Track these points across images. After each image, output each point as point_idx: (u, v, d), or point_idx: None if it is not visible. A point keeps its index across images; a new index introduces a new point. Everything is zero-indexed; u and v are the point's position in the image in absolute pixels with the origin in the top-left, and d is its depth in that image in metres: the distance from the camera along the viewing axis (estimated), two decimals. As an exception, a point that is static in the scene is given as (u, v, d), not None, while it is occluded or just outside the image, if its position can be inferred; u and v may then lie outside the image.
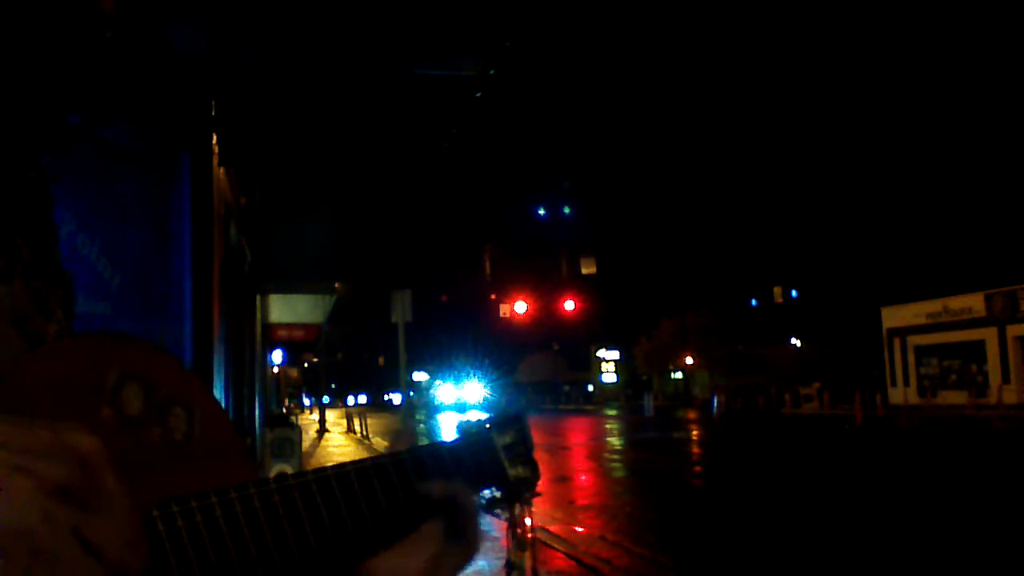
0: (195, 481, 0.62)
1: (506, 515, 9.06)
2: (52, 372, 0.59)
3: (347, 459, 0.85)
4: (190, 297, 5.09)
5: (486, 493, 0.81)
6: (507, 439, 0.82)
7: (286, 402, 47.77)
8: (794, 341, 59.56)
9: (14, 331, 0.65)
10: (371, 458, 0.71)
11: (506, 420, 0.83)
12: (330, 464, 0.73)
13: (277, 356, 27.87)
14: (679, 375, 67.02)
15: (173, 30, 4.88)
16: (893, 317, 42.58)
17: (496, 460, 0.81)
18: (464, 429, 0.81)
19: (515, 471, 0.82)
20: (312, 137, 8.15)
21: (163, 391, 0.63)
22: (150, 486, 0.59)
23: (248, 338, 13.19)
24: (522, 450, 0.82)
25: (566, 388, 79.00)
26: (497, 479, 0.81)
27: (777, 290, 61.51)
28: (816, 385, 43.49)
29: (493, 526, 8.11)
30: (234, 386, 10.49)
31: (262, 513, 0.62)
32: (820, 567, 6.42)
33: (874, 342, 44.74)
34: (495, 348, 76.32)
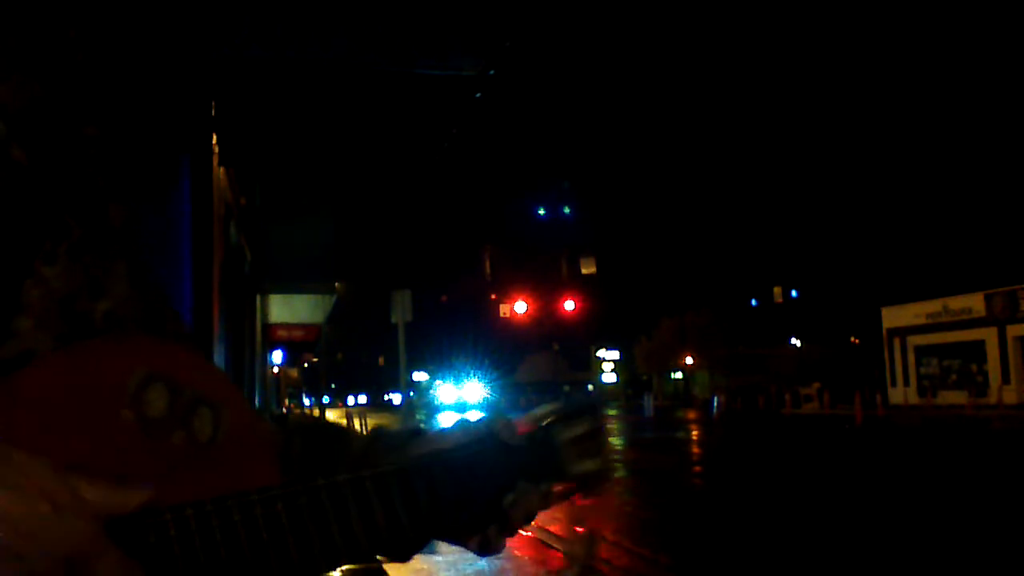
0: (219, 484, 0.61)
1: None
2: (73, 372, 0.59)
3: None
4: (190, 297, 5.10)
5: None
6: (577, 431, 0.80)
7: (286, 402, 47.76)
8: (794, 341, 59.56)
9: (59, 313, 0.64)
10: (374, 472, 0.69)
11: (578, 410, 0.81)
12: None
13: (277, 356, 27.86)
14: (679, 375, 67.01)
15: (173, 30, 4.88)
16: (893, 317, 42.56)
17: (548, 458, 0.79)
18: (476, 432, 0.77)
19: (581, 465, 0.80)
20: (312, 137, 8.16)
21: (188, 392, 0.62)
22: (172, 490, 0.59)
23: (248, 338, 13.19)
24: (591, 444, 0.80)
25: (566, 388, 78.93)
26: (551, 477, 0.79)
27: (777, 290, 61.54)
28: (816, 385, 43.50)
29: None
30: (234, 386, 10.46)
31: (277, 519, 0.62)
32: (821, 567, 6.42)
33: (874, 342, 44.75)
34: (495, 348, 76.31)
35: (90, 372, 0.59)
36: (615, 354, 75.46)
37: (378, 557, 0.74)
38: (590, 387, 77.00)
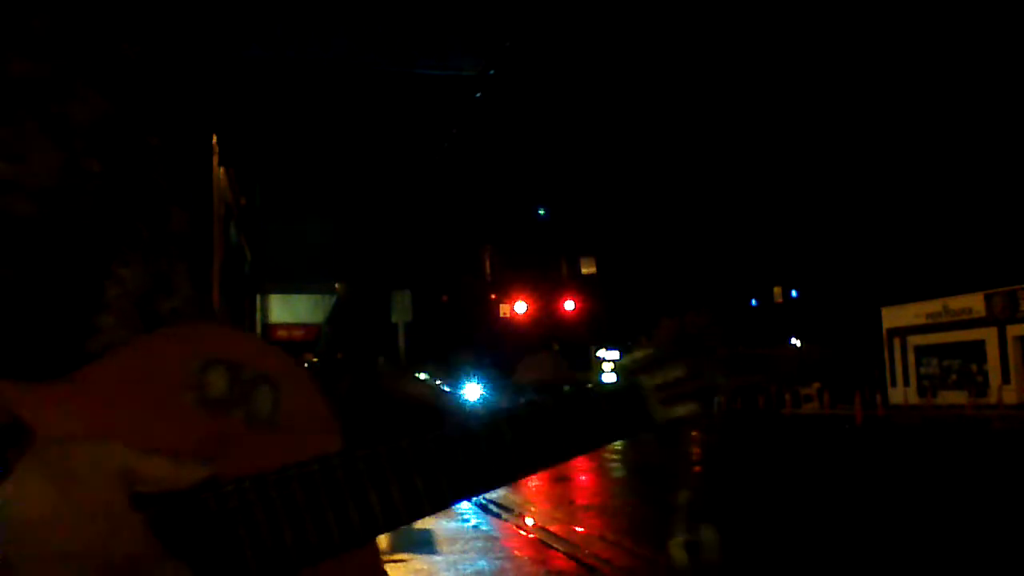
0: (281, 455, 0.65)
1: (506, 514, 9.00)
2: (139, 362, 0.65)
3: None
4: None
5: None
6: (675, 373, 0.79)
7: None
8: (794, 341, 59.49)
9: (135, 310, 0.71)
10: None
11: (676, 351, 0.81)
12: None
13: (277, 356, 27.80)
14: (679, 375, 66.95)
15: (173, 30, 4.87)
16: (893, 317, 42.56)
17: (633, 407, 0.79)
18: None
19: (671, 411, 0.80)
20: (312, 137, 8.15)
21: (249, 372, 0.66)
22: (234, 463, 0.63)
23: (248, 338, 13.17)
24: (691, 386, 0.79)
25: (566, 388, 78.69)
26: (637, 426, 0.79)
27: (777, 290, 61.47)
28: (816, 385, 43.46)
29: (493, 526, 8.09)
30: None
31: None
32: (821, 567, 6.42)
33: (874, 342, 44.73)
34: (495, 348, 76.25)
35: (154, 360, 0.65)
36: (615, 354, 75.39)
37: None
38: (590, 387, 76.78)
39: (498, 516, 8.76)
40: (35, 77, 0.69)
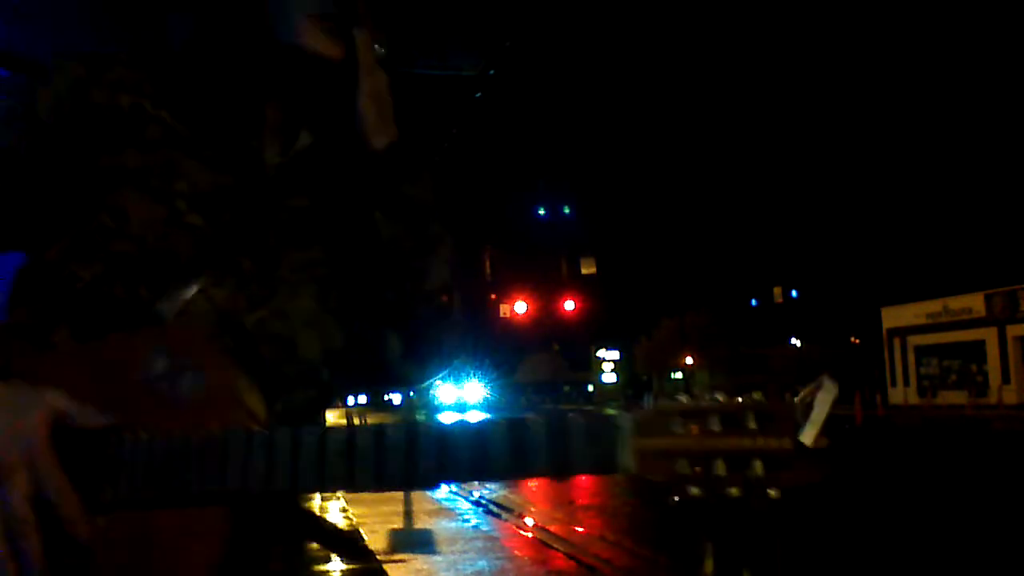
0: (184, 422, 0.83)
1: (507, 515, 9.00)
2: (118, 345, 0.88)
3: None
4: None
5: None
6: (646, 424, 0.78)
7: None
8: (794, 341, 59.55)
9: (216, 320, 0.94)
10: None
11: (703, 409, 0.80)
12: None
13: (277, 356, 27.78)
14: (679, 375, 66.98)
15: (170, 25, 4.87)
16: (893, 317, 42.54)
17: (601, 446, 0.80)
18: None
19: (638, 464, 0.78)
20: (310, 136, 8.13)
21: (183, 360, 0.86)
22: (146, 420, 0.84)
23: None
24: (674, 444, 0.79)
25: (566, 388, 78.87)
26: (598, 467, 0.81)
27: (777, 290, 61.46)
28: (816, 385, 43.41)
29: (493, 526, 8.10)
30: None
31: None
32: (820, 566, 6.43)
33: (874, 342, 44.71)
34: (495, 348, 76.26)
35: (128, 344, 0.88)
36: (615, 354, 75.35)
37: (379, 555, 0.77)
38: (590, 387, 77.00)
39: (498, 516, 8.76)
40: (146, 165, 0.96)
